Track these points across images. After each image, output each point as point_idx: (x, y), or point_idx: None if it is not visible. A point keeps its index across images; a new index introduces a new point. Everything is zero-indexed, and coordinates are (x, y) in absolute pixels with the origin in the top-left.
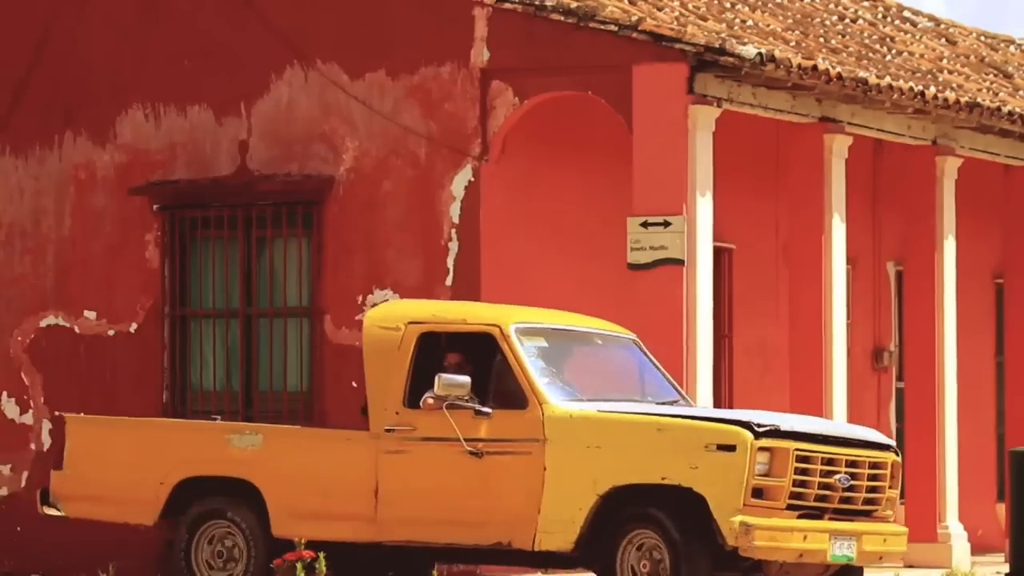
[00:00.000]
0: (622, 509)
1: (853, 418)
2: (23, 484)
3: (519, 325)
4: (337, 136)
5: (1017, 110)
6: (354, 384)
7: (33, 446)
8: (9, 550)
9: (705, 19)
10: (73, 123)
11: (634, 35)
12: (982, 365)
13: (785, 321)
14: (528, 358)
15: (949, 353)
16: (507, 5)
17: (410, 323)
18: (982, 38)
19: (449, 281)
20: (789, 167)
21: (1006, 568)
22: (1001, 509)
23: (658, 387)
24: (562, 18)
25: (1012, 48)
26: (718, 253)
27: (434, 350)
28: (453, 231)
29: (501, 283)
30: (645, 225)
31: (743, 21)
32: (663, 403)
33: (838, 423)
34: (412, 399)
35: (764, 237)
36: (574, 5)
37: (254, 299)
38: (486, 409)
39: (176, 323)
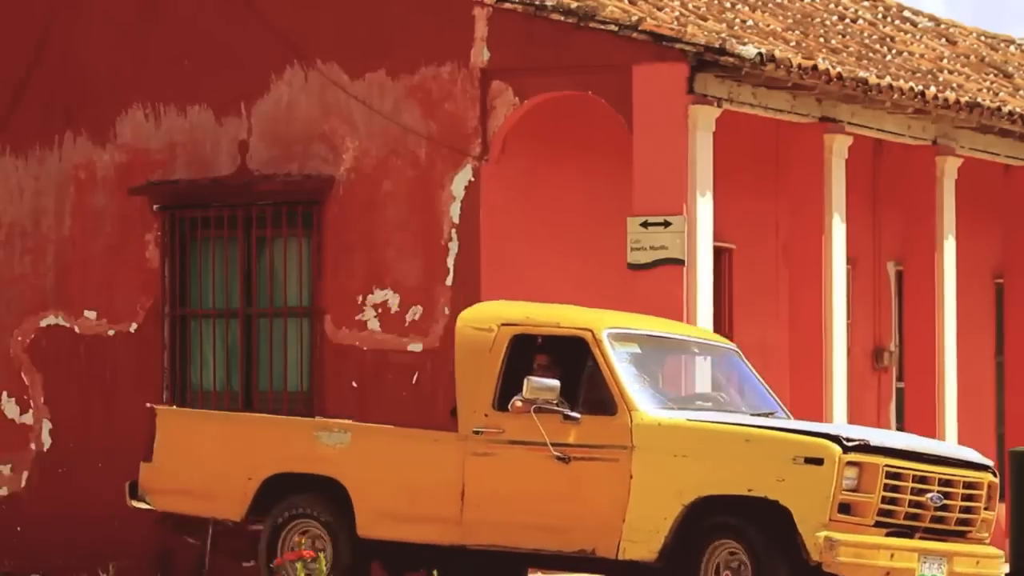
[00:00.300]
0: (707, 519)
1: (853, 419)
2: (23, 484)
3: (612, 330)
4: (337, 136)
5: (1017, 110)
6: (354, 384)
7: (33, 446)
8: (9, 550)
9: (705, 19)
10: (73, 123)
11: (634, 35)
12: (982, 365)
13: (785, 321)
14: (620, 364)
15: (949, 353)
16: (507, 5)
17: (503, 325)
18: (982, 38)
19: (449, 281)
20: (789, 167)
21: (1006, 568)
22: (1001, 509)
23: (756, 398)
24: (562, 18)
25: (1012, 48)
26: (718, 253)
27: (526, 352)
28: (453, 231)
29: (501, 283)
30: (645, 225)
31: (743, 21)
32: (758, 414)
33: (934, 441)
34: (502, 401)
35: (764, 237)
36: (574, 5)
37: (254, 299)
38: (575, 414)
39: (176, 323)
